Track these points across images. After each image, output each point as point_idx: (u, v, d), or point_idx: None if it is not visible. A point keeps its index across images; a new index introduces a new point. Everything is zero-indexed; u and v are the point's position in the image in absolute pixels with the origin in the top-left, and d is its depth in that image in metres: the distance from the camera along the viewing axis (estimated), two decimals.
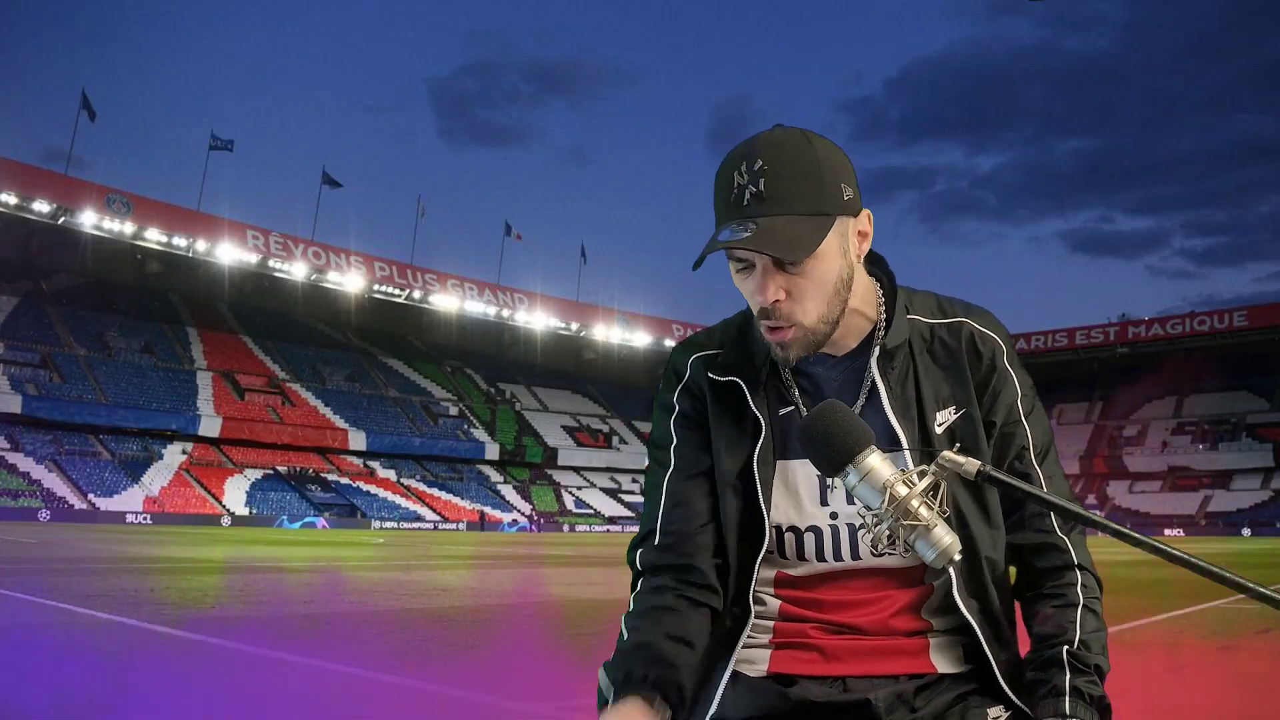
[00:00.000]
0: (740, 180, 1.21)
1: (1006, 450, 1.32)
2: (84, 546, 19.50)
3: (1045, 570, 1.31)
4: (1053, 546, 1.31)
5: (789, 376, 1.35)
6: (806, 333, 1.25)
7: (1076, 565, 1.30)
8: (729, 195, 1.22)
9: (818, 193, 1.21)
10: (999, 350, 1.34)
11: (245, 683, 4.89)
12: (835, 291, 1.25)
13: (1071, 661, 1.22)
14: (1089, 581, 1.30)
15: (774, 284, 1.22)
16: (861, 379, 1.32)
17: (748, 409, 1.33)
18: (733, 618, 1.31)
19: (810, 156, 1.22)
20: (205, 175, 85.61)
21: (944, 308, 1.37)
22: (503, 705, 4.40)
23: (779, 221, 1.18)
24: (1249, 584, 0.97)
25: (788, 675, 1.28)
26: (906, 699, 1.24)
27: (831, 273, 1.24)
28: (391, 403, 64.42)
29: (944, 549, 1.05)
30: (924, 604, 1.29)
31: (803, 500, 1.31)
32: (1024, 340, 72.90)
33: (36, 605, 8.30)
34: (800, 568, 1.32)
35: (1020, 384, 1.34)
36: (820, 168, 1.22)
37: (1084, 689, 1.20)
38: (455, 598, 10.20)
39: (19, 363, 50.15)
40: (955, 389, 1.32)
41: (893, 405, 1.29)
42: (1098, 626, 1.26)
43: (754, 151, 1.22)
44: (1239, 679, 5.21)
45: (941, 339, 1.34)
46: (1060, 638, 1.24)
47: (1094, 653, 1.24)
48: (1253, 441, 64.17)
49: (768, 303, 1.23)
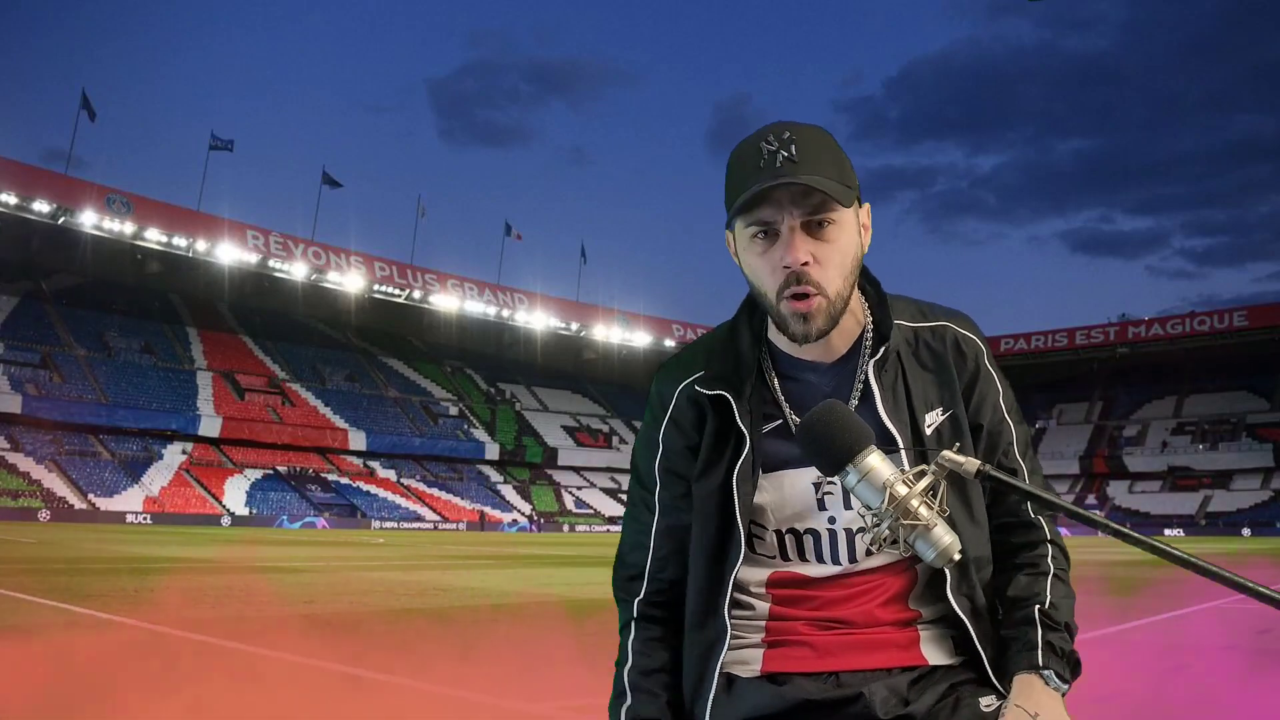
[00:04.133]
0: (770, 147, 1.23)
1: (995, 448, 1.36)
2: (84, 546, 19.50)
3: (1019, 545, 1.36)
4: (1027, 524, 1.37)
5: (776, 385, 1.35)
6: (830, 304, 1.25)
7: (1049, 540, 1.36)
8: (758, 161, 1.23)
9: (841, 166, 1.26)
10: (981, 353, 1.38)
11: (245, 683, 4.89)
12: (852, 268, 1.29)
13: (1044, 619, 1.27)
14: (1057, 555, 1.36)
15: (804, 246, 1.23)
16: (852, 383, 1.33)
17: (733, 424, 1.33)
18: (715, 630, 1.32)
19: (829, 139, 1.27)
20: (205, 175, 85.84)
21: (924, 312, 1.40)
22: (503, 705, 4.40)
23: (815, 177, 1.21)
24: (1249, 584, 0.97)
25: (781, 674, 1.28)
26: (900, 691, 1.24)
27: (851, 246, 1.28)
28: (391, 403, 64.41)
29: (944, 548, 1.05)
30: (909, 593, 1.31)
31: (799, 507, 1.32)
32: (1024, 340, 72.91)
33: (36, 605, 8.30)
34: (801, 567, 1.32)
35: (1001, 384, 1.39)
36: (838, 149, 1.27)
37: (1056, 643, 1.25)
38: (455, 598, 10.20)
39: (19, 363, 50.13)
40: (942, 391, 1.35)
41: (886, 407, 1.30)
42: (1067, 593, 1.32)
43: (779, 128, 1.25)
44: (1239, 679, 5.21)
45: (926, 342, 1.37)
46: (1032, 600, 1.29)
47: (1063, 613, 1.29)
48: (1253, 441, 64.13)
49: (797, 265, 1.22)
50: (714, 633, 1.31)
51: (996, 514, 1.37)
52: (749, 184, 1.22)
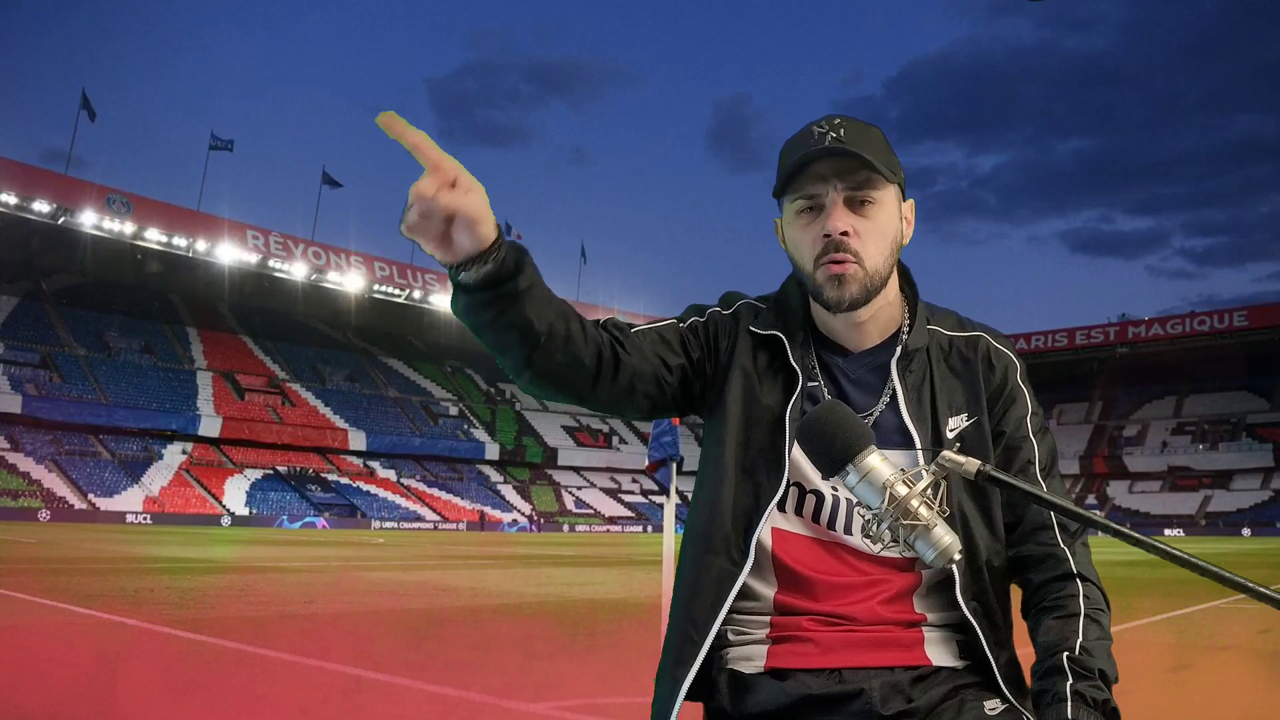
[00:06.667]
0: (821, 130, 1.28)
1: (1011, 462, 1.34)
2: (84, 546, 19.50)
3: (1046, 582, 1.30)
4: (1053, 558, 1.31)
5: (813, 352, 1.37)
6: (867, 275, 1.28)
7: (1076, 575, 1.29)
8: (808, 142, 1.28)
9: (888, 154, 1.31)
10: (1012, 366, 1.39)
11: (245, 683, 4.90)
12: (891, 250, 1.32)
13: (1073, 667, 1.20)
14: (1091, 593, 1.29)
15: (845, 218, 1.27)
16: (880, 377, 1.35)
17: (786, 360, 1.35)
18: (730, 560, 1.30)
19: (879, 133, 1.32)
20: (205, 175, 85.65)
21: (964, 323, 1.42)
22: (503, 705, 4.40)
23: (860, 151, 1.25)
24: (1249, 584, 0.97)
25: (784, 670, 1.28)
26: (902, 689, 1.24)
27: (891, 227, 1.31)
28: (391, 403, 64.41)
29: (944, 549, 1.05)
30: (914, 592, 1.30)
31: (807, 470, 1.32)
32: (1024, 340, 72.86)
33: (36, 605, 8.30)
34: (799, 525, 1.32)
35: (1031, 403, 1.38)
36: (887, 143, 1.33)
37: (1087, 693, 1.18)
38: (455, 598, 10.20)
39: (19, 363, 50.13)
40: (968, 398, 1.35)
41: (909, 408, 1.31)
42: (1100, 635, 1.25)
43: (830, 117, 1.30)
44: (1239, 679, 5.21)
45: (959, 350, 1.38)
46: (1061, 645, 1.23)
47: (1097, 658, 1.22)
48: (1253, 441, 64.14)
49: (837, 232, 1.26)
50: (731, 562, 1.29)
51: (1017, 543, 1.33)
52: (796, 158, 1.27)
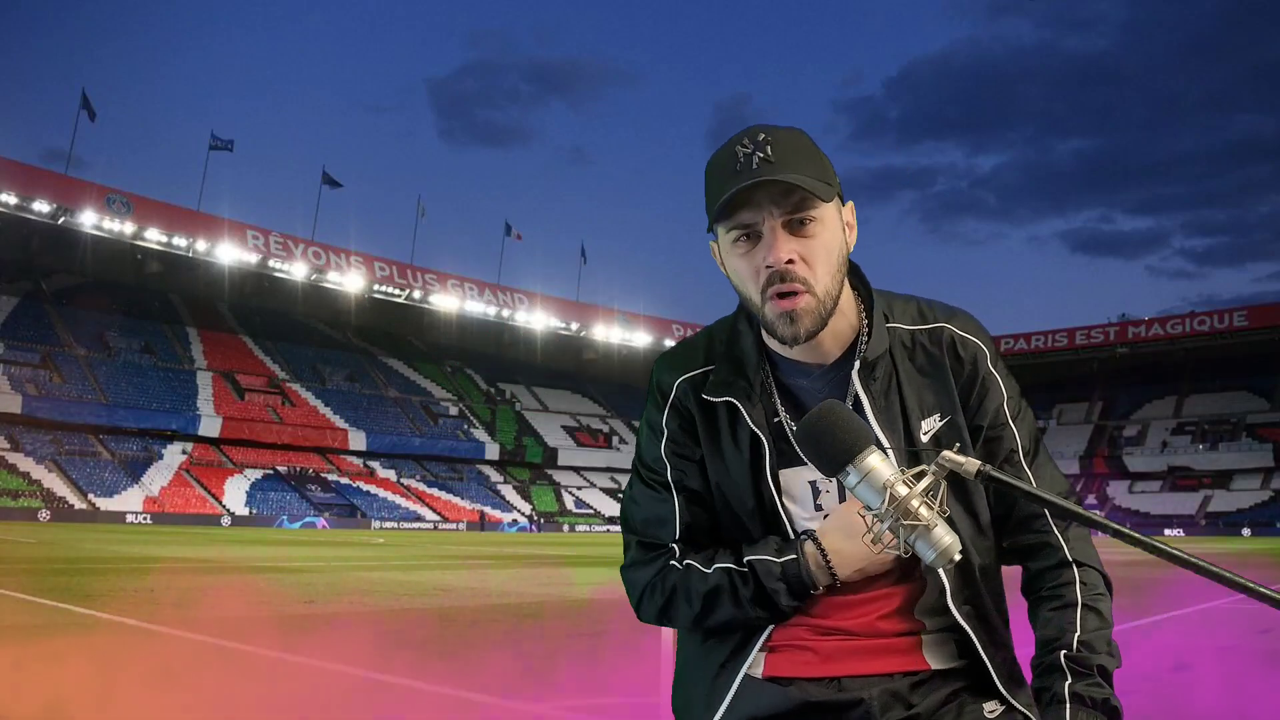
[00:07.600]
0: (745, 150, 1.21)
1: (995, 454, 1.31)
2: (84, 546, 19.49)
3: (1042, 571, 1.29)
4: (1048, 545, 1.29)
5: (774, 387, 1.34)
6: (818, 303, 1.23)
7: (1073, 562, 1.28)
8: (734, 166, 1.21)
9: (819, 165, 1.24)
10: (981, 355, 1.33)
11: (245, 683, 4.89)
12: (839, 265, 1.26)
13: (1071, 666, 1.19)
14: (1089, 578, 1.27)
15: (787, 245, 1.21)
16: (845, 390, 1.30)
17: (746, 427, 1.31)
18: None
19: (806, 138, 1.26)
20: (205, 175, 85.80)
21: (924, 313, 1.36)
22: (503, 705, 4.40)
23: (792, 175, 1.19)
24: (1249, 584, 0.97)
25: (783, 678, 1.28)
26: (902, 696, 1.24)
27: (835, 242, 1.25)
28: (391, 403, 64.39)
29: (944, 549, 1.05)
30: (913, 606, 1.29)
31: (798, 506, 1.32)
32: (1024, 340, 72.85)
33: (36, 605, 8.30)
34: None
35: (1005, 387, 1.33)
36: (815, 148, 1.25)
37: (1085, 693, 1.17)
38: (455, 598, 10.20)
39: (19, 363, 50.10)
40: (939, 396, 1.31)
41: (877, 417, 1.28)
42: (1100, 625, 1.23)
43: (753, 131, 1.23)
44: (1239, 679, 5.21)
45: (923, 345, 1.33)
46: (1058, 641, 1.22)
47: (1097, 653, 1.20)
48: (1253, 441, 64.10)
49: (781, 263, 1.20)
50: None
51: (1012, 533, 1.31)
52: (726, 188, 1.20)
